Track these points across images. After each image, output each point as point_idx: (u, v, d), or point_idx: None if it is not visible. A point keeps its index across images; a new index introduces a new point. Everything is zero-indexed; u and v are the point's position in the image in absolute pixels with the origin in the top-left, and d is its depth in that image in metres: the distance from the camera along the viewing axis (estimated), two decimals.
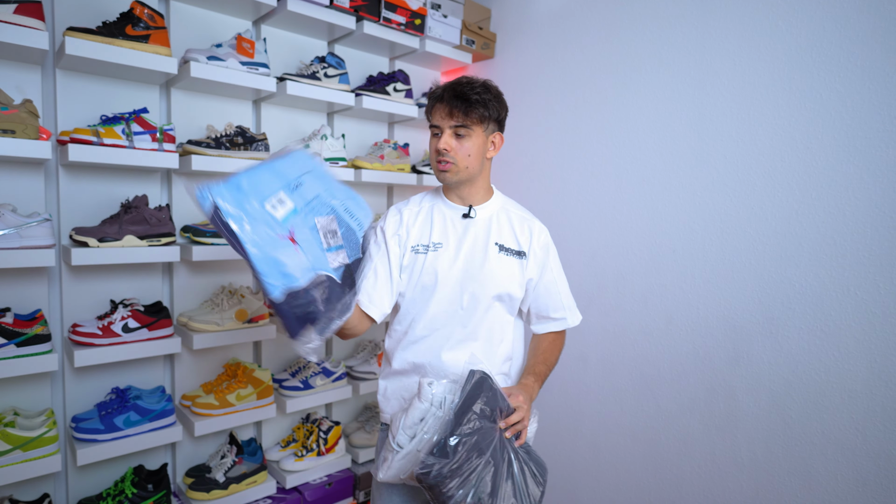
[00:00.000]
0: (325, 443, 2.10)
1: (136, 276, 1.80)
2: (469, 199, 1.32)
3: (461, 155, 1.24)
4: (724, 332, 1.75)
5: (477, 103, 1.21)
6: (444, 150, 1.23)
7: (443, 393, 1.07)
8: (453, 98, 1.22)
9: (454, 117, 1.22)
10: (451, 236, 1.29)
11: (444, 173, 1.26)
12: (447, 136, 1.24)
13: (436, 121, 1.26)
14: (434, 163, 1.28)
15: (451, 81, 1.26)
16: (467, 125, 1.23)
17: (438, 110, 1.25)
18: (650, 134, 1.92)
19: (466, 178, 1.27)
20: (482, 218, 1.31)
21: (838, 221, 1.53)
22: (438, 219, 1.32)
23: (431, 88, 1.30)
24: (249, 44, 1.80)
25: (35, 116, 1.43)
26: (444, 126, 1.24)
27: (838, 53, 1.52)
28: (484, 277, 1.25)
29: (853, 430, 1.51)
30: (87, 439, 1.59)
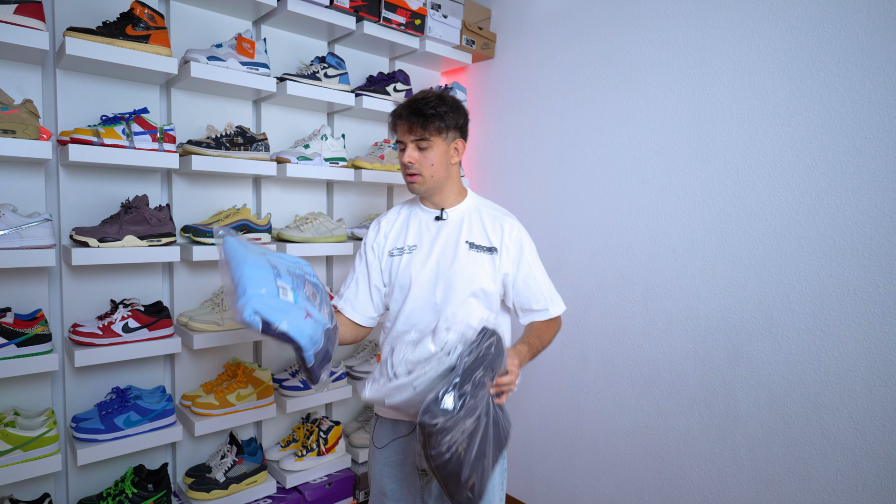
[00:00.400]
0: (325, 442, 2.10)
1: (137, 276, 1.81)
2: (441, 204, 1.41)
3: (425, 165, 1.33)
4: (723, 332, 1.76)
5: (433, 117, 1.30)
6: (409, 163, 1.33)
7: (455, 342, 1.09)
8: (411, 114, 1.31)
9: (413, 132, 1.32)
10: (424, 238, 1.40)
11: (412, 184, 1.36)
12: (410, 149, 1.34)
13: (399, 136, 1.36)
14: (403, 175, 1.38)
15: (409, 98, 1.36)
16: (427, 137, 1.32)
17: (400, 126, 1.35)
18: (650, 134, 1.93)
19: (434, 186, 1.37)
20: (454, 219, 1.40)
21: (838, 221, 1.53)
22: (414, 224, 1.43)
23: (395, 108, 1.39)
24: (249, 44, 1.81)
25: (35, 116, 1.44)
26: (406, 141, 1.34)
27: (838, 53, 1.53)
28: (454, 274, 1.33)
29: (853, 429, 1.51)
30: (87, 439, 1.59)
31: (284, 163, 1.92)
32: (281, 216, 2.13)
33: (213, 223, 1.82)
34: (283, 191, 2.14)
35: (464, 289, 1.33)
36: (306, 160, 1.96)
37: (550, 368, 2.24)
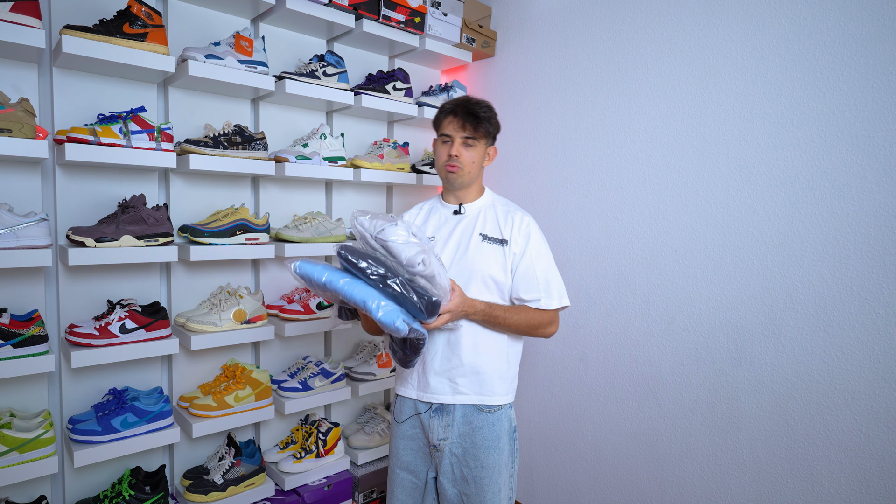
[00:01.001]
0: (324, 444, 2.10)
1: (134, 277, 1.81)
2: (462, 199, 1.55)
3: (467, 161, 1.48)
4: (726, 333, 1.75)
5: (484, 120, 1.46)
6: (455, 155, 1.47)
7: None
8: (466, 114, 1.46)
9: (465, 130, 1.46)
10: (442, 231, 1.52)
11: (451, 174, 1.49)
12: (458, 144, 1.47)
13: (448, 131, 1.48)
14: (442, 166, 1.50)
15: (460, 99, 1.50)
16: (475, 137, 1.47)
17: (451, 122, 1.48)
18: (652, 133, 1.93)
19: (468, 181, 1.51)
20: (471, 214, 1.53)
21: (842, 221, 1.53)
22: (434, 217, 1.57)
23: (443, 104, 1.53)
24: (248, 42, 1.80)
25: (32, 115, 1.44)
26: (455, 136, 1.47)
27: (842, 51, 1.52)
28: (466, 262, 1.45)
29: (856, 431, 1.51)
30: (84, 441, 1.59)
31: (283, 162, 1.92)
32: (279, 216, 2.13)
33: (210, 222, 1.82)
34: (282, 190, 2.14)
35: (475, 276, 1.44)
36: (305, 159, 1.96)
37: (551, 369, 2.23)
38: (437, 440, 1.46)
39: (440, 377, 1.46)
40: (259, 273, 2.10)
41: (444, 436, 1.46)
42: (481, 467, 1.44)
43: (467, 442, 1.45)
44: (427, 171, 2.35)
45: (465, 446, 1.45)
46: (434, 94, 2.38)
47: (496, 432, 1.45)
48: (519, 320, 1.43)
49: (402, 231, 1.23)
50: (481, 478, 1.44)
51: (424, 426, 1.49)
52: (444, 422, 1.46)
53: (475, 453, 1.44)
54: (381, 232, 1.23)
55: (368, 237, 1.26)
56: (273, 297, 2.13)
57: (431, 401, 1.47)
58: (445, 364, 1.45)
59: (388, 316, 1.19)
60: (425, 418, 1.48)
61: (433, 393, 1.47)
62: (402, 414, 1.54)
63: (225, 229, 1.80)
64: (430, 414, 1.47)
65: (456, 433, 1.46)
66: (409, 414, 1.52)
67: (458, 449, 1.46)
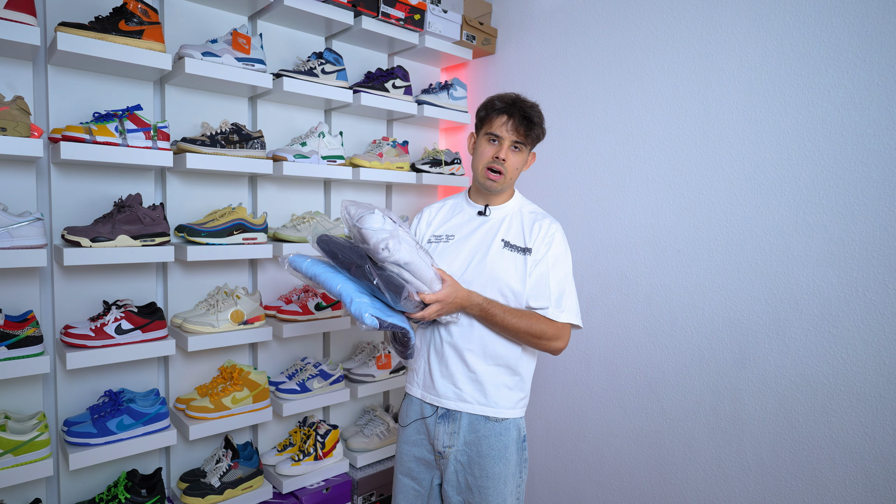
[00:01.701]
0: (323, 447, 2.10)
1: (130, 277, 1.81)
2: (490, 201, 1.49)
3: (511, 167, 1.42)
4: (729, 334, 1.75)
5: (537, 126, 1.40)
6: (503, 159, 1.40)
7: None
8: (522, 117, 1.38)
9: (517, 133, 1.39)
10: (463, 230, 1.48)
11: (492, 182, 1.42)
12: (507, 147, 1.40)
13: (498, 131, 1.40)
14: (483, 168, 1.42)
15: (513, 97, 1.42)
16: (525, 143, 1.41)
17: (504, 122, 1.40)
18: (654, 131, 1.92)
19: (506, 187, 1.45)
20: (496, 217, 1.48)
21: (846, 220, 1.53)
22: (458, 216, 1.52)
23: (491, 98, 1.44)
24: (245, 39, 1.80)
25: (26, 114, 1.44)
26: (506, 138, 1.40)
27: (847, 50, 1.52)
28: (483, 268, 1.40)
29: (861, 433, 1.51)
30: (79, 443, 1.59)
31: (281, 161, 1.92)
32: (277, 215, 2.13)
33: (207, 222, 1.82)
34: (280, 189, 2.14)
35: (492, 284, 1.39)
36: (303, 158, 1.96)
37: (552, 371, 2.23)
38: (442, 447, 1.44)
39: (445, 381, 1.44)
40: (257, 273, 2.10)
41: (449, 443, 1.44)
42: (486, 477, 1.41)
43: (473, 451, 1.42)
44: (427, 170, 2.34)
45: (470, 455, 1.43)
46: (434, 91, 2.38)
47: (503, 442, 1.42)
48: (519, 324, 1.35)
49: (379, 218, 1.24)
50: (486, 488, 1.41)
51: (430, 432, 1.47)
52: (449, 429, 1.43)
53: (480, 462, 1.41)
54: (359, 220, 1.24)
55: (350, 224, 1.27)
56: (271, 298, 2.13)
57: (436, 404, 1.45)
58: (452, 368, 1.43)
59: (358, 309, 1.20)
60: (431, 424, 1.46)
61: (438, 396, 1.45)
62: (407, 417, 1.53)
63: (222, 229, 1.80)
64: (437, 419, 1.45)
65: (462, 441, 1.43)
66: (413, 417, 1.50)
67: (464, 457, 1.43)
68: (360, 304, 1.21)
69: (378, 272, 1.23)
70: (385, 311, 1.25)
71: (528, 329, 1.36)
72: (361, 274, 1.24)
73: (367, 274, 1.23)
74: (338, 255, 1.27)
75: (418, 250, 1.27)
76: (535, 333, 1.37)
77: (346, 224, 1.29)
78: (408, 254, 1.23)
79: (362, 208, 1.26)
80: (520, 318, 1.36)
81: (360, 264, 1.24)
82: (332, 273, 1.27)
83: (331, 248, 1.28)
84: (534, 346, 1.41)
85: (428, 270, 1.27)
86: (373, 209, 1.25)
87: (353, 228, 1.28)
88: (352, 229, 1.29)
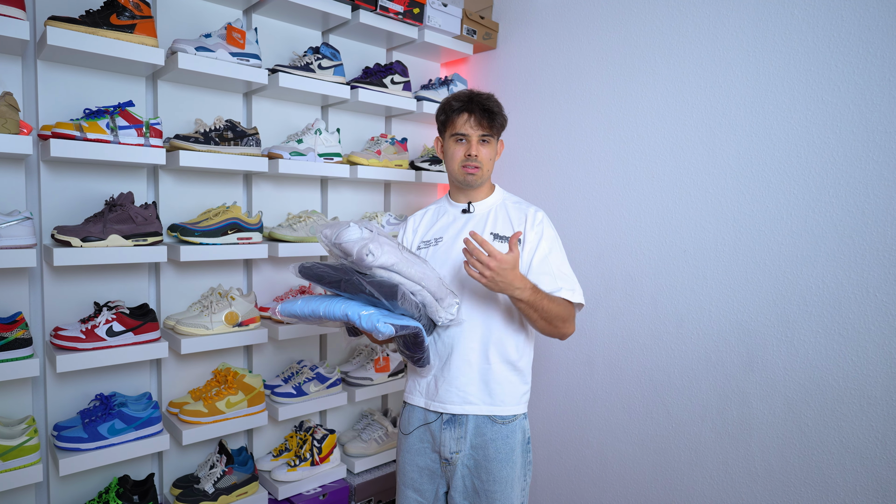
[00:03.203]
0: (319, 452, 2.10)
1: (122, 278, 1.81)
2: (472, 198, 1.53)
3: (485, 160, 1.47)
4: (737, 336, 1.75)
5: (498, 116, 1.46)
6: (475, 155, 1.45)
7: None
8: (482, 111, 1.44)
9: (482, 127, 1.45)
10: (450, 231, 1.52)
11: (471, 176, 1.47)
12: (475, 143, 1.45)
13: (463, 129, 1.46)
14: (459, 167, 1.48)
15: (467, 93, 1.47)
16: (491, 134, 1.47)
17: (466, 120, 1.45)
18: (660, 128, 1.92)
19: (484, 179, 1.50)
20: (480, 213, 1.52)
21: (857, 219, 1.53)
22: (443, 217, 1.56)
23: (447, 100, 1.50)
24: (240, 34, 1.80)
25: (15, 110, 1.44)
26: (472, 135, 1.45)
27: (857, 44, 1.52)
28: None
29: (872, 438, 1.51)
30: (69, 448, 1.59)
31: (276, 158, 1.92)
32: (273, 214, 2.13)
33: (201, 221, 1.82)
34: (275, 188, 2.14)
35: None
36: (299, 156, 1.96)
37: (555, 374, 2.23)
38: (449, 453, 1.45)
39: (449, 385, 1.45)
40: (252, 274, 2.10)
41: (456, 448, 1.45)
42: (493, 481, 1.43)
43: (479, 454, 1.44)
44: (426, 167, 2.35)
45: (477, 458, 1.45)
46: (434, 87, 2.38)
47: (510, 444, 1.44)
48: (554, 309, 1.34)
49: (356, 229, 1.26)
50: (493, 492, 1.43)
51: (435, 439, 1.48)
52: (456, 434, 1.45)
53: (487, 466, 1.43)
54: (336, 237, 1.26)
55: (330, 245, 1.29)
56: (266, 299, 2.13)
57: (441, 410, 1.46)
58: (455, 370, 1.44)
59: (369, 321, 1.21)
60: (436, 430, 1.47)
61: (442, 402, 1.45)
62: (409, 425, 1.53)
63: (216, 228, 1.80)
64: (442, 426, 1.46)
65: (468, 445, 1.45)
66: (417, 424, 1.51)
67: (471, 461, 1.45)
68: (369, 316, 1.22)
69: (368, 280, 1.24)
70: (394, 317, 1.25)
71: (559, 313, 1.36)
72: (353, 287, 1.24)
73: (357, 285, 1.23)
74: (324, 277, 1.28)
75: (401, 251, 1.29)
76: (563, 317, 1.38)
77: (326, 248, 1.32)
78: (392, 254, 1.25)
79: (337, 227, 1.29)
80: (555, 303, 1.35)
81: (347, 278, 1.25)
82: (329, 300, 1.28)
83: (315, 272, 1.29)
84: (556, 332, 1.40)
85: (415, 268, 1.28)
86: (348, 224, 1.28)
87: (333, 248, 1.30)
88: (332, 249, 1.31)
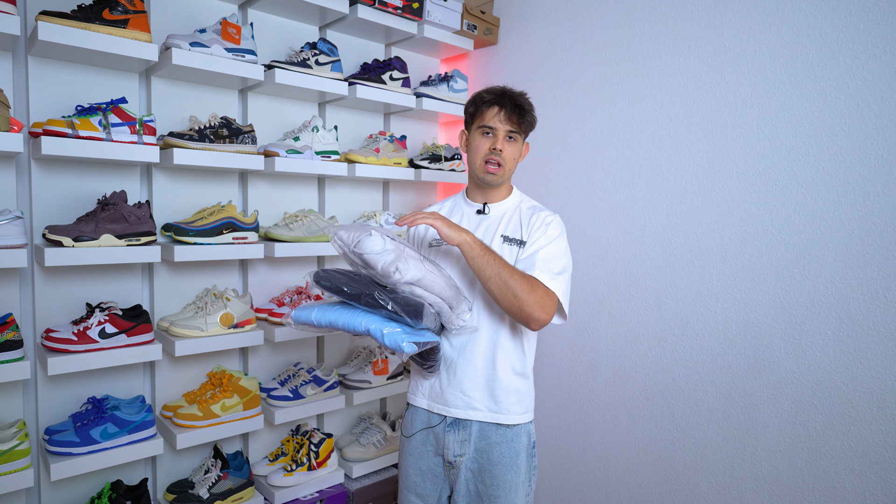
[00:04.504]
0: (317, 456, 2.10)
1: (114, 278, 1.80)
2: (489, 198, 1.52)
3: (509, 158, 1.45)
4: (743, 338, 1.75)
5: (528, 114, 1.45)
6: (500, 150, 1.43)
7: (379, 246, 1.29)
8: (513, 105, 1.42)
9: (511, 123, 1.43)
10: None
11: (491, 175, 1.45)
12: (502, 137, 1.44)
13: (491, 122, 1.44)
14: (481, 162, 1.45)
15: (500, 88, 1.46)
16: (519, 132, 1.45)
17: (496, 113, 1.43)
18: (665, 126, 1.92)
19: (505, 179, 1.48)
20: (495, 214, 1.51)
21: (866, 219, 1.53)
22: (456, 216, 1.54)
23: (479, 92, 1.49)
24: (235, 29, 1.80)
25: (6, 107, 1.43)
26: (500, 129, 1.44)
27: (866, 39, 1.52)
28: None
29: (882, 442, 1.51)
30: (61, 453, 1.58)
31: (272, 156, 1.92)
32: (269, 213, 2.12)
33: (195, 221, 1.81)
34: (272, 186, 2.13)
35: None
36: (296, 153, 1.96)
37: (558, 377, 2.23)
38: (452, 457, 1.46)
39: (454, 388, 1.45)
40: (247, 274, 2.10)
41: (460, 451, 1.45)
42: (497, 485, 1.43)
43: (483, 458, 1.45)
44: (426, 166, 2.34)
45: (481, 462, 1.45)
46: (433, 84, 2.37)
47: (514, 449, 1.44)
48: (505, 271, 1.30)
49: (379, 240, 1.23)
50: (497, 496, 1.43)
51: (439, 441, 1.48)
52: (460, 437, 1.45)
53: (491, 470, 1.44)
54: (356, 245, 1.24)
55: (347, 251, 1.27)
56: (262, 300, 2.12)
57: (445, 413, 1.46)
58: (460, 374, 1.45)
59: (392, 340, 1.21)
60: (440, 432, 1.47)
61: (446, 405, 1.46)
62: (411, 427, 1.53)
63: (211, 228, 1.80)
64: (446, 428, 1.46)
65: (472, 448, 1.45)
66: (420, 427, 1.51)
67: (474, 465, 1.46)
68: (392, 333, 1.22)
69: (391, 296, 1.23)
70: (415, 333, 1.25)
71: (510, 279, 1.30)
72: (374, 303, 1.23)
73: (378, 301, 1.22)
74: (343, 289, 1.25)
75: (423, 262, 1.28)
76: (517, 289, 1.30)
77: (342, 252, 1.28)
78: (417, 270, 1.24)
79: (355, 231, 1.26)
80: (501, 264, 1.31)
81: (368, 292, 1.23)
82: (349, 312, 1.26)
83: (334, 284, 1.26)
84: (511, 306, 1.32)
85: (438, 280, 1.28)
86: (369, 231, 1.25)
87: (351, 255, 1.27)
88: (350, 256, 1.28)
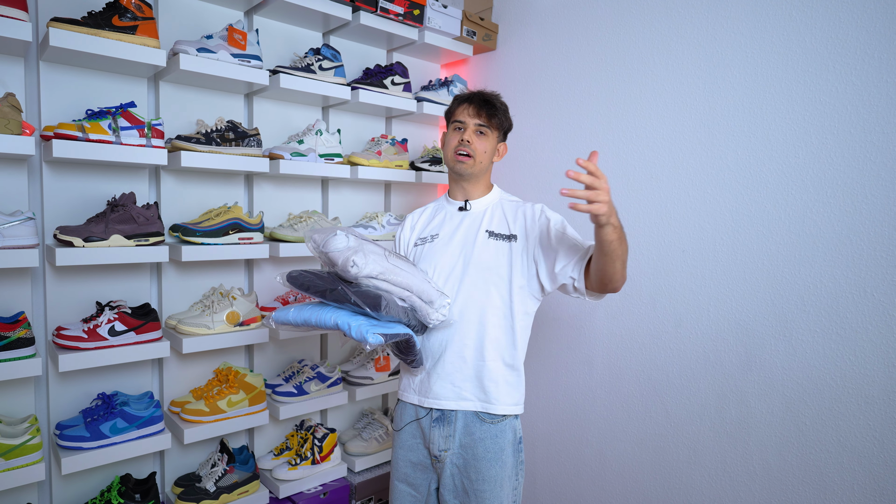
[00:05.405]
0: (320, 451, 2.10)
1: (124, 277, 1.81)
2: (469, 195, 1.55)
3: (479, 151, 1.49)
4: (735, 336, 1.76)
5: (499, 110, 1.50)
6: (468, 141, 1.47)
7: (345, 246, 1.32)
8: (482, 101, 1.49)
9: (480, 117, 1.48)
10: (446, 228, 1.54)
11: (461, 164, 1.49)
12: (471, 131, 1.49)
13: (461, 117, 1.50)
14: (452, 154, 1.51)
15: (477, 89, 1.55)
16: (489, 126, 1.50)
17: (466, 109, 1.50)
18: (659, 129, 1.93)
19: (477, 172, 1.51)
20: (477, 210, 1.54)
21: (855, 220, 1.53)
22: (440, 215, 1.59)
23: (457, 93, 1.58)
24: (241, 35, 1.81)
25: (18, 111, 1.44)
26: (469, 122, 1.49)
27: (855, 45, 1.53)
28: (470, 262, 1.46)
29: (870, 437, 1.51)
30: (71, 447, 1.59)
31: (277, 159, 1.92)
32: (274, 214, 2.13)
33: (202, 221, 1.82)
34: (276, 188, 2.14)
35: (479, 275, 1.45)
36: (300, 156, 1.96)
37: (554, 373, 2.24)
38: (438, 451, 1.46)
39: (443, 381, 1.46)
40: (253, 274, 2.10)
41: (445, 446, 1.46)
42: (482, 480, 1.43)
43: (468, 453, 1.45)
44: (427, 168, 2.35)
45: (465, 457, 1.45)
46: (434, 88, 2.38)
47: (499, 444, 1.44)
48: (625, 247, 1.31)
49: (342, 238, 1.26)
50: (482, 491, 1.43)
51: (425, 435, 1.49)
52: (445, 432, 1.46)
53: (476, 465, 1.44)
54: (323, 245, 1.27)
55: (317, 252, 1.30)
56: (267, 299, 2.13)
57: (433, 406, 1.46)
58: (449, 367, 1.45)
59: (358, 332, 1.23)
60: (426, 426, 1.48)
61: (435, 398, 1.46)
62: (401, 420, 1.54)
63: (217, 228, 1.80)
64: (431, 423, 1.47)
65: (457, 444, 1.45)
66: (408, 420, 1.52)
67: (459, 460, 1.46)
68: (359, 326, 1.24)
69: (354, 290, 1.25)
70: (383, 325, 1.27)
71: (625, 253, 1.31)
72: (338, 297, 1.25)
73: (342, 295, 1.24)
74: (311, 286, 1.29)
75: (388, 258, 1.30)
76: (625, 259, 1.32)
77: (314, 253, 1.33)
78: (378, 264, 1.26)
79: (326, 233, 1.29)
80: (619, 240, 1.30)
81: (332, 288, 1.26)
82: (320, 309, 1.29)
83: (302, 281, 1.31)
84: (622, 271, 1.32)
85: (404, 275, 1.30)
86: (335, 231, 1.29)
87: (321, 256, 1.31)
88: (320, 257, 1.32)
